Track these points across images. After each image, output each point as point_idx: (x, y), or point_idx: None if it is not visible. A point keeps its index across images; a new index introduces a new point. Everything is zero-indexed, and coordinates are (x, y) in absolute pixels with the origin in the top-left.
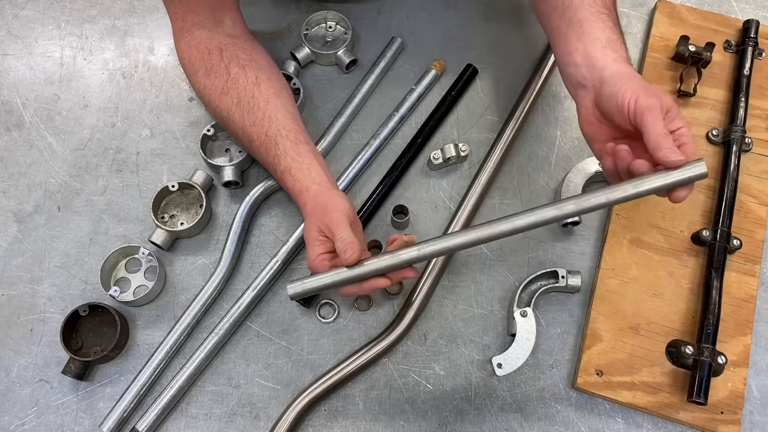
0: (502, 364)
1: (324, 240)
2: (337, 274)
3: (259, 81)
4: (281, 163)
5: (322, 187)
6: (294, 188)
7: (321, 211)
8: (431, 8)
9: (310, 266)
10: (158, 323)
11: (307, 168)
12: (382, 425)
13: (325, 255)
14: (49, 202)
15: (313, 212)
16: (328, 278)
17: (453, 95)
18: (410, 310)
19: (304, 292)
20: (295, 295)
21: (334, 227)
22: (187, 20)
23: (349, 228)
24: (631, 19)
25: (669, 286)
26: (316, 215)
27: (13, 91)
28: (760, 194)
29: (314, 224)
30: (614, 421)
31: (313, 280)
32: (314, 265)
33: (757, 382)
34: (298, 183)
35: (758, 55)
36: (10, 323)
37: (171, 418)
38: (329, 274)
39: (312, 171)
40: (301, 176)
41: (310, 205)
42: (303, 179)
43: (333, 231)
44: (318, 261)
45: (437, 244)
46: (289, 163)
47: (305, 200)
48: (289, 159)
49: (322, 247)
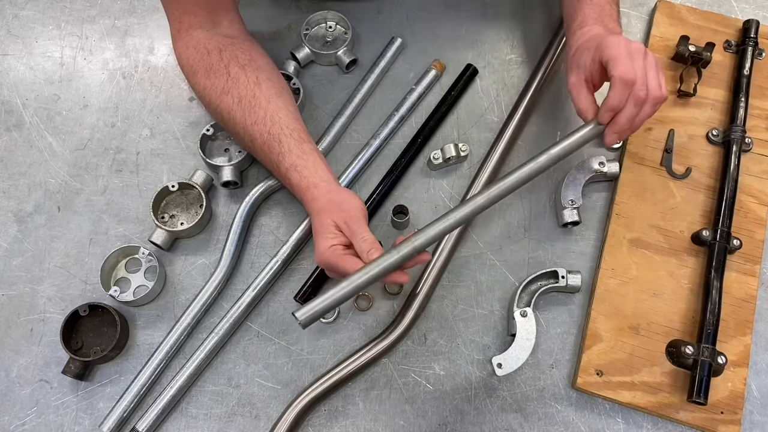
0: (502, 364)
1: (337, 233)
2: (347, 285)
3: (259, 80)
4: (285, 160)
5: (332, 185)
6: (300, 185)
7: (337, 207)
8: (431, 8)
9: (319, 259)
10: (158, 323)
11: (313, 165)
12: (382, 425)
13: (337, 246)
14: (49, 202)
15: (327, 207)
16: (339, 292)
17: (453, 95)
18: (410, 310)
19: (314, 315)
20: (306, 321)
21: (355, 225)
22: (185, 21)
23: (368, 227)
24: (631, 19)
25: (669, 286)
26: (331, 210)
27: (13, 91)
28: (760, 194)
29: (329, 218)
30: (614, 421)
31: (320, 300)
32: (325, 257)
33: (757, 382)
34: (304, 179)
35: (758, 55)
36: (10, 323)
37: (171, 418)
38: (338, 288)
39: (318, 168)
40: (307, 173)
41: (323, 201)
42: (309, 176)
43: (353, 229)
44: (330, 252)
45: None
46: (294, 160)
47: (314, 196)
48: (293, 156)
49: (335, 239)
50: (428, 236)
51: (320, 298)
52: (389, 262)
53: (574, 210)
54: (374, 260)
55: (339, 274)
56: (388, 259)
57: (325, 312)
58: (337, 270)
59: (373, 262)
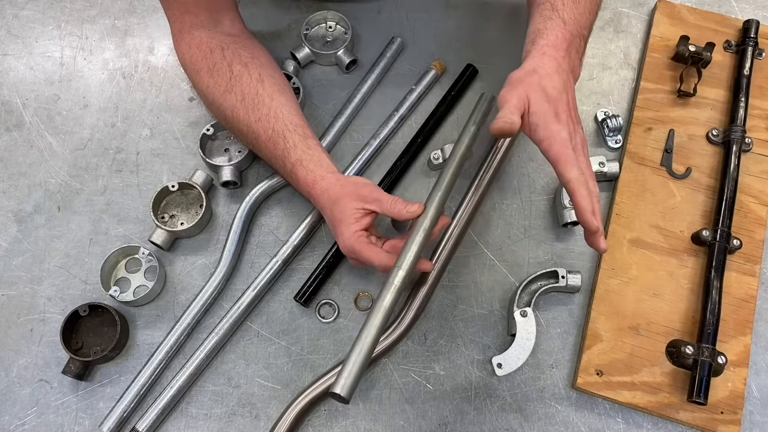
0: (502, 364)
1: (359, 218)
2: (368, 333)
3: (262, 78)
4: (291, 155)
5: (339, 175)
6: (307, 179)
7: (353, 188)
8: (431, 8)
9: (344, 246)
10: (158, 323)
11: (318, 159)
12: (382, 425)
13: (361, 233)
14: (49, 202)
15: (343, 192)
16: (366, 342)
17: (453, 95)
18: (410, 310)
19: (354, 381)
20: (349, 393)
21: (378, 194)
22: (186, 21)
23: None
24: (631, 19)
25: (669, 286)
26: (348, 194)
27: (13, 91)
28: (760, 194)
29: (350, 202)
30: (614, 421)
31: (352, 362)
32: (350, 243)
33: (757, 382)
34: (311, 174)
35: (758, 55)
36: (10, 323)
37: (171, 418)
38: (362, 341)
39: (323, 162)
40: (313, 167)
41: (335, 188)
42: (316, 169)
43: (379, 198)
44: (355, 238)
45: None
46: (300, 155)
47: (323, 188)
48: (299, 151)
49: (357, 224)
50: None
51: (351, 360)
52: (418, 242)
53: (574, 210)
54: (404, 247)
55: (363, 263)
56: (415, 240)
57: (362, 373)
58: (361, 259)
59: (403, 250)
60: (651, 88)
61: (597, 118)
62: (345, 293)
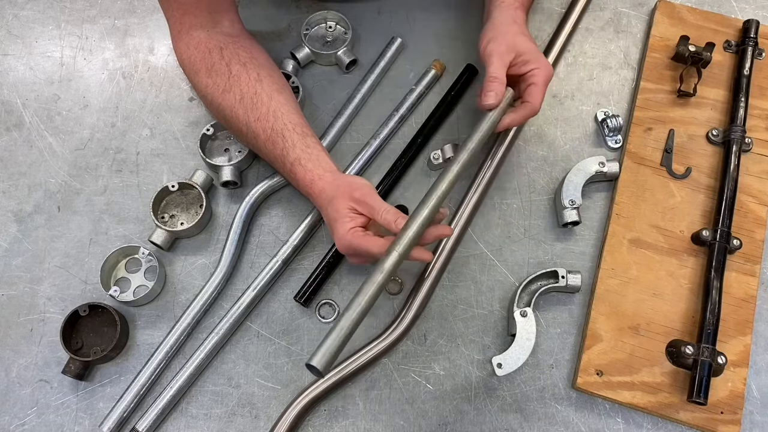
0: (502, 364)
1: (354, 216)
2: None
3: (261, 77)
4: (290, 154)
5: (337, 174)
6: (305, 178)
7: (347, 189)
8: (431, 8)
9: (340, 245)
10: (158, 323)
11: (317, 158)
12: (382, 425)
13: (356, 228)
14: (49, 202)
15: (338, 192)
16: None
17: (453, 95)
18: (410, 310)
19: (332, 356)
20: (325, 366)
21: (371, 200)
22: (185, 22)
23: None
24: (631, 19)
25: (669, 286)
26: (343, 194)
27: (13, 91)
28: (760, 194)
29: (344, 202)
30: (614, 421)
31: (332, 338)
32: (347, 240)
33: (757, 382)
34: (309, 173)
35: (758, 55)
36: (10, 323)
37: (171, 418)
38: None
39: (321, 161)
40: (311, 165)
41: (331, 187)
42: (314, 168)
43: (371, 203)
44: (350, 234)
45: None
46: (299, 154)
47: (321, 187)
48: (298, 150)
49: (353, 222)
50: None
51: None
52: (414, 230)
53: (574, 210)
54: (399, 235)
55: (363, 257)
56: (411, 227)
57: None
58: (360, 253)
59: (398, 238)
60: (651, 88)
61: (597, 118)
62: (345, 293)
